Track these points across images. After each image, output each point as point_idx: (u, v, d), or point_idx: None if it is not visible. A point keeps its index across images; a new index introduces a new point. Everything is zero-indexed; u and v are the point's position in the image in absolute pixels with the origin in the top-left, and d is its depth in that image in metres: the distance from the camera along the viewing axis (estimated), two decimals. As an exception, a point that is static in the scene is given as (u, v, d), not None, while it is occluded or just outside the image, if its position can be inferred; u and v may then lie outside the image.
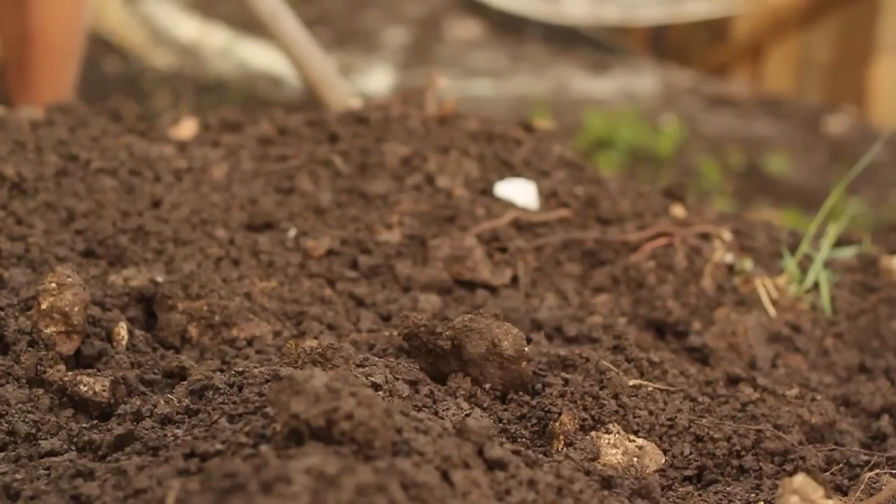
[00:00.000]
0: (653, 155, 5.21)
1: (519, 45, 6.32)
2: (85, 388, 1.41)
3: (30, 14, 3.14)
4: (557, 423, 1.42)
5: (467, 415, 1.37)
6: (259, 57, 5.54)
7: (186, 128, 2.27)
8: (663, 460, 1.42)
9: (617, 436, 1.41)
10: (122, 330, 1.56)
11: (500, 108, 5.33)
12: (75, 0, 3.24)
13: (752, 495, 1.37)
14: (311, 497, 0.98)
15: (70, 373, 1.44)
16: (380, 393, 1.34)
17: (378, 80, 5.58)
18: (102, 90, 4.29)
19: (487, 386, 1.49)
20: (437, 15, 6.47)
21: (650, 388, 1.51)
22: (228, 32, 5.64)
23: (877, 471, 1.40)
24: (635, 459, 1.40)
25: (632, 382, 1.51)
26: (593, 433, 1.41)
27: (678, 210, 2.20)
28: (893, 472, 1.41)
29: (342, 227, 1.99)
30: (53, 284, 1.50)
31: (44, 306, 1.50)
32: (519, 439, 1.42)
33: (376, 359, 1.44)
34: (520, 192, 2.09)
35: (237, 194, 2.00)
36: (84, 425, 1.36)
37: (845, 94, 6.22)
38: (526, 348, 1.48)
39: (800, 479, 1.18)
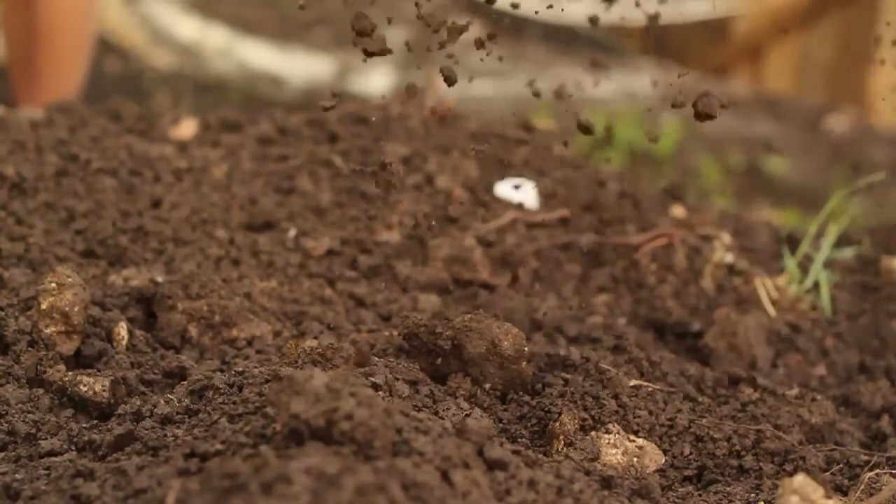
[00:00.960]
0: (653, 155, 5.21)
1: (519, 45, 6.32)
2: (85, 388, 1.41)
3: (37, 13, 3.14)
4: (557, 423, 1.42)
5: (467, 415, 1.37)
6: (259, 57, 5.54)
7: (186, 128, 2.27)
8: (663, 460, 1.42)
9: (617, 436, 1.41)
10: (122, 330, 1.56)
11: (500, 108, 5.33)
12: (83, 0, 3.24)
13: (752, 495, 1.37)
14: (311, 497, 0.98)
15: (70, 373, 1.44)
16: (380, 393, 1.34)
17: (378, 80, 5.58)
18: (102, 90, 4.29)
19: (487, 386, 1.49)
20: (438, 15, 6.47)
21: (650, 388, 1.51)
22: (228, 32, 5.64)
23: (877, 471, 1.40)
24: (635, 459, 1.40)
25: (632, 382, 1.51)
26: (593, 433, 1.41)
27: (678, 210, 2.20)
28: (893, 472, 1.41)
29: (342, 227, 1.99)
30: (53, 284, 1.50)
31: (44, 306, 1.50)
32: (519, 439, 1.42)
33: (376, 359, 1.44)
34: (520, 192, 2.09)
35: (237, 194, 2.00)
36: (84, 425, 1.36)
37: (845, 94, 6.21)
38: (526, 348, 1.48)
39: (800, 479, 1.18)
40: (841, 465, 1.46)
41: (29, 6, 3.15)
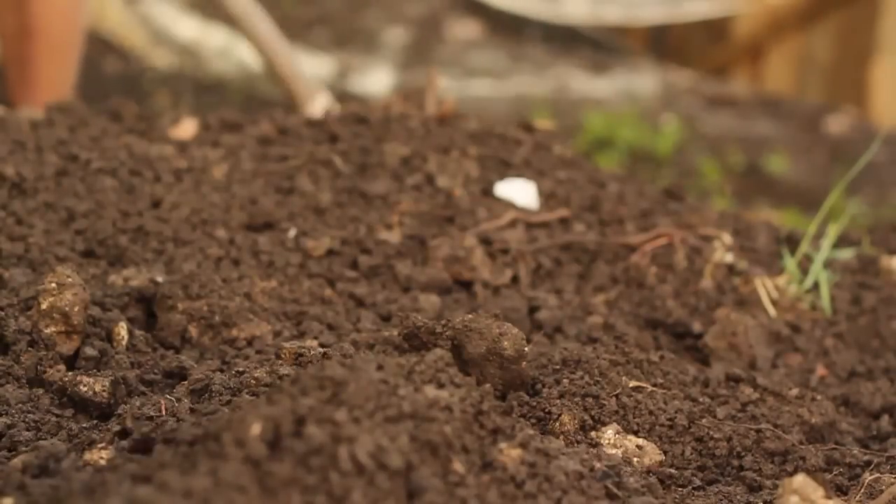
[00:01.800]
0: (653, 155, 5.22)
1: (519, 45, 6.32)
2: (85, 388, 1.41)
3: (30, 9, 3.15)
4: (557, 423, 1.41)
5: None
6: (259, 57, 5.54)
7: (186, 128, 2.27)
8: (663, 460, 1.42)
9: (617, 436, 1.41)
10: (122, 330, 1.56)
11: (500, 108, 5.34)
12: None
13: (752, 495, 1.37)
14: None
15: (70, 373, 1.44)
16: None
17: (378, 80, 5.58)
18: (102, 90, 4.29)
19: (487, 386, 1.48)
20: (437, 15, 6.48)
21: (650, 388, 1.51)
22: (228, 32, 5.64)
23: (877, 471, 1.40)
24: (635, 460, 1.40)
25: (632, 383, 1.51)
26: (593, 433, 1.41)
27: (678, 210, 2.20)
28: (894, 472, 1.41)
29: (342, 227, 1.99)
30: (53, 284, 1.50)
31: (44, 306, 1.50)
32: (519, 439, 1.42)
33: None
34: (520, 192, 2.09)
35: (237, 194, 2.00)
36: (84, 425, 1.36)
37: (845, 94, 6.22)
38: (526, 348, 1.48)
39: (800, 479, 1.18)
40: (841, 465, 1.46)
41: (22, 4, 3.15)
